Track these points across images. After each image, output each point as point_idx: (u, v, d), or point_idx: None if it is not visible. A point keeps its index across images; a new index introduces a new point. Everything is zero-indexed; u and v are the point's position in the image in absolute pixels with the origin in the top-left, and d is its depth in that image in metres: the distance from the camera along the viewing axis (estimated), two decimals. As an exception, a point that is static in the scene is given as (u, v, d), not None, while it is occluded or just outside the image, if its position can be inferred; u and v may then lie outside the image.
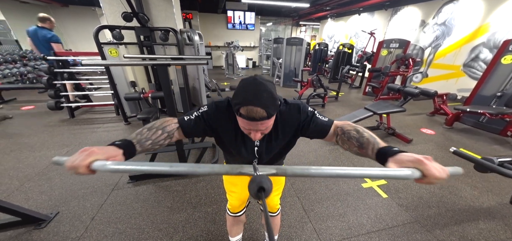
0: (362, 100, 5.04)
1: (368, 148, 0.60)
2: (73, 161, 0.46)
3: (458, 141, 2.94)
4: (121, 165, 0.48)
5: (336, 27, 9.65)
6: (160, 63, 1.56)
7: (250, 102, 0.54)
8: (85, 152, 0.47)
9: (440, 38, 5.18)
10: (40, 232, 1.41)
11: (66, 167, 0.46)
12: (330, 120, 0.73)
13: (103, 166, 0.46)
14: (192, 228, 1.51)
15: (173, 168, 0.47)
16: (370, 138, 0.61)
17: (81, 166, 0.46)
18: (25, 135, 2.79)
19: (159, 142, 0.65)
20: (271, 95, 0.56)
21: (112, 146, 0.54)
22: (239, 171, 0.48)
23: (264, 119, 0.57)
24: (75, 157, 0.47)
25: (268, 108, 0.56)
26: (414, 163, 0.47)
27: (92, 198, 1.75)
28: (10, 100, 4.15)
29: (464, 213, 1.68)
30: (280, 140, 0.76)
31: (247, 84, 0.57)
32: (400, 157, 0.50)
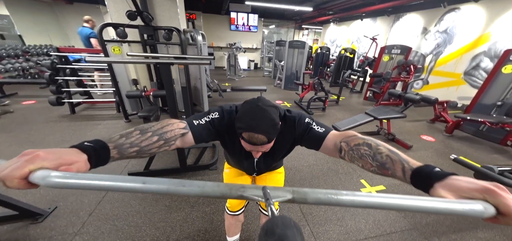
0: (363, 105, 5.04)
1: (395, 168, 0.46)
2: (2, 170, 0.32)
3: (458, 149, 2.94)
4: (71, 178, 0.33)
5: (339, 31, 9.69)
6: (163, 62, 1.58)
7: (252, 129, 0.57)
8: (26, 156, 0.34)
9: (442, 46, 5.20)
10: (36, 226, 1.41)
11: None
12: (326, 131, 0.66)
13: (44, 178, 0.32)
14: (189, 227, 1.51)
15: (147, 185, 0.34)
16: (392, 156, 0.48)
17: (12, 177, 0.31)
18: (25, 130, 2.80)
19: (151, 150, 0.53)
20: (272, 122, 0.59)
21: (74, 148, 0.40)
22: (241, 195, 0.35)
23: (265, 143, 0.60)
24: (8, 163, 0.33)
25: (269, 134, 0.59)
26: (481, 192, 0.33)
27: (91, 194, 1.75)
28: (12, 95, 4.17)
29: (462, 222, 1.67)
30: (277, 152, 0.81)
31: (250, 110, 0.60)
32: (455, 182, 0.36)
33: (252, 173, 1.00)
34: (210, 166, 2.19)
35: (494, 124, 2.69)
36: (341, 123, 2.84)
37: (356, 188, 2.01)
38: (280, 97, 5.27)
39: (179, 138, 0.60)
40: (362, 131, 3.13)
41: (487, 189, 0.32)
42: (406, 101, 3.07)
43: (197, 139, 0.65)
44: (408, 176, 0.44)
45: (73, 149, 0.40)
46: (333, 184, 2.05)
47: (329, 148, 0.64)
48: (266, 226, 0.25)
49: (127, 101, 3.28)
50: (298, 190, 0.35)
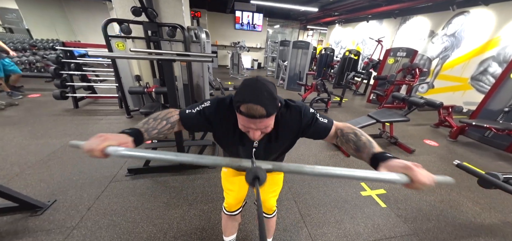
0: (366, 107, 4.98)
1: (364, 151, 0.63)
2: (90, 145, 0.52)
3: (462, 154, 2.87)
4: (131, 151, 0.53)
5: (344, 33, 9.60)
6: (166, 58, 1.57)
7: (250, 100, 0.56)
8: (101, 137, 0.53)
9: (449, 50, 5.10)
10: (36, 219, 1.43)
11: (84, 150, 0.52)
12: (330, 121, 0.74)
13: (115, 151, 0.52)
14: (186, 225, 1.50)
15: (179, 157, 0.52)
16: (367, 143, 0.64)
17: (96, 149, 0.51)
18: (30, 122, 2.84)
19: (164, 131, 0.69)
20: (271, 95, 0.58)
21: (123, 134, 0.58)
22: (239, 165, 0.53)
23: (264, 117, 0.58)
24: (92, 141, 0.52)
25: (268, 107, 0.57)
26: (404, 169, 0.50)
27: (90, 188, 1.77)
28: (18, 87, 4.24)
29: (464, 228, 1.64)
30: (280, 142, 0.77)
31: (248, 83, 0.60)
32: (391, 162, 0.53)
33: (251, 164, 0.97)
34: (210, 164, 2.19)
35: (500, 130, 2.62)
36: (343, 125, 2.81)
37: (356, 190, 1.99)
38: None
39: (177, 122, 0.74)
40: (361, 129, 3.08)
41: (406, 166, 0.49)
42: (410, 104, 3.01)
43: (187, 126, 0.76)
44: (369, 158, 0.60)
45: (123, 134, 0.58)
46: (332, 186, 2.02)
47: (331, 137, 0.74)
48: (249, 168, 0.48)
49: (129, 97, 3.30)
50: (275, 163, 0.54)
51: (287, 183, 2.02)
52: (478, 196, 2.01)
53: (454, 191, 2.07)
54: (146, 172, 2.00)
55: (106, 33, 2.69)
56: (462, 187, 2.14)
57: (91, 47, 3.95)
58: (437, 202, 1.91)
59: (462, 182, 2.21)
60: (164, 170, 2.06)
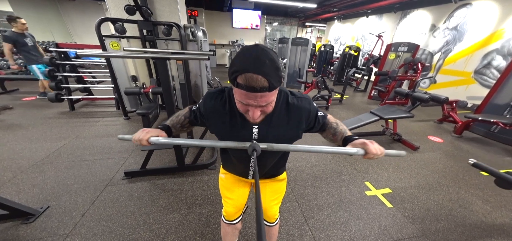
0: (367, 104, 4.91)
1: (338, 136, 0.75)
2: (138, 136, 0.67)
3: (467, 150, 2.80)
4: (167, 139, 0.70)
5: (343, 29, 9.50)
6: (160, 57, 1.50)
7: (249, 69, 0.48)
8: (145, 131, 0.68)
9: (451, 43, 5.01)
10: (27, 227, 1.36)
11: (133, 141, 0.68)
12: (325, 114, 0.79)
13: (157, 140, 0.67)
14: (185, 230, 1.44)
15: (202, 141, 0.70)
16: (342, 129, 0.75)
17: (144, 139, 0.67)
18: (24, 126, 2.77)
19: (185, 125, 0.81)
20: (274, 64, 0.50)
21: (158, 129, 0.72)
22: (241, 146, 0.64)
23: (265, 90, 0.50)
24: (139, 134, 0.68)
25: (270, 77, 0.49)
26: (361, 144, 0.64)
27: (85, 193, 1.70)
28: (13, 91, 4.17)
29: (475, 229, 1.57)
30: (289, 128, 0.70)
31: (247, 51, 0.50)
32: (354, 142, 0.67)
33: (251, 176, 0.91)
34: (209, 165, 2.12)
35: (508, 125, 2.55)
36: (345, 123, 2.74)
37: (361, 190, 1.92)
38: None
39: (188, 117, 0.82)
40: (366, 130, 3.02)
41: (363, 143, 0.64)
42: (414, 100, 2.94)
43: (192, 123, 0.82)
44: (341, 140, 0.73)
45: (158, 129, 0.73)
46: (336, 186, 1.96)
47: None
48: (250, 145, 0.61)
49: (126, 98, 3.23)
50: (271, 145, 0.64)
51: (290, 184, 1.95)
52: (487, 194, 1.94)
53: (462, 189, 2.01)
54: (143, 175, 1.94)
55: (100, 32, 2.61)
56: (470, 185, 2.07)
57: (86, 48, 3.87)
58: (446, 201, 1.84)
59: (470, 180, 2.14)
60: (162, 173, 1.99)
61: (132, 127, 3.01)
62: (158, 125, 0.75)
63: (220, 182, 1.01)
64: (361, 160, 2.39)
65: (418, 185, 2.04)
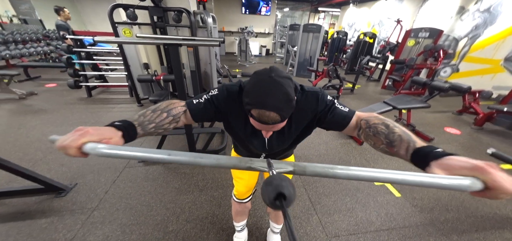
0: (380, 94, 4.72)
1: (401, 146, 0.48)
2: (64, 141, 0.41)
3: (487, 143, 2.67)
4: (114, 149, 0.42)
5: (358, 14, 8.94)
6: (171, 43, 1.53)
7: (262, 106, 0.49)
8: (79, 132, 0.42)
9: (481, 27, 4.56)
10: (60, 200, 1.53)
11: (56, 147, 0.41)
12: (351, 111, 0.63)
13: (94, 148, 0.41)
14: (198, 210, 1.54)
15: (172, 156, 0.41)
16: (403, 135, 0.50)
17: (71, 147, 0.40)
18: (49, 111, 2.98)
19: (163, 125, 0.59)
20: (286, 97, 0.50)
21: (111, 127, 0.48)
22: (249, 166, 0.42)
23: (278, 122, 0.52)
24: (67, 136, 0.42)
25: (283, 111, 0.50)
26: (472, 170, 0.35)
27: (106, 173, 1.84)
28: (36, 78, 4.44)
29: (487, 220, 1.54)
30: (293, 130, 0.70)
31: (261, 82, 0.50)
32: (448, 161, 0.38)
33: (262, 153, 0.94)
34: (219, 151, 2.20)
35: (536, 118, 2.37)
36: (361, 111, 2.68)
37: (369, 180, 1.92)
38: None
39: (182, 115, 0.64)
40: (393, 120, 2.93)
41: (477, 167, 0.35)
42: (432, 89, 2.79)
43: (195, 117, 0.66)
44: (410, 154, 0.46)
45: (110, 127, 0.48)
46: (344, 175, 1.97)
47: (351, 128, 0.62)
48: (267, 180, 0.33)
49: (139, 85, 3.34)
50: (298, 164, 0.41)
51: (297, 170, 1.99)
52: (504, 187, 1.87)
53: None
54: (157, 158, 2.05)
55: (112, 19, 2.67)
56: (486, 178, 1.99)
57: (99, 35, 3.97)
58: (458, 193, 1.80)
59: (486, 172, 2.06)
60: (175, 157, 2.09)
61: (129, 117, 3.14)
62: (114, 122, 0.50)
63: None
64: (371, 150, 2.36)
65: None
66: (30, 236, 1.27)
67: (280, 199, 0.31)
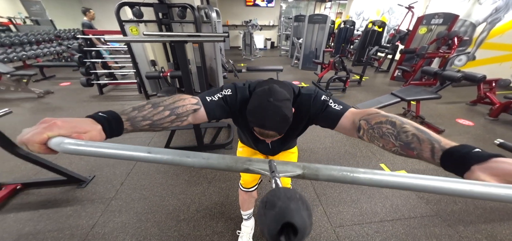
0: (389, 85, 4.59)
1: (423, 148, 0.41)
2: (25, 134, 0.34)
3: (502, 135, 2.57)
4: (83, 146, 0.35)
5: (367, 2, 8.57)
6: (177, 40, 1.57)
7: (262, 126, 0.57)
8: (44, 123, 0.36)
9: (502, 11, 4.25)
10: (82, 191, 1.66)
11: (17, 141, 0.35)
12: (344, 108, 0.60)
13: (59, 144, 0.34)
14: (207, 200, 1.62)
15: (152, 154, 0.35)
16: (420, 135, 0.42)
17: (33, 141, 0.34)
18: (65, 108, 3.15)
19: (163, 124, 0.53)
20: (284, 118, 0.56)
21: (89, 118, 0.42)
22: (247, 168, 0.36)
23: (276, 137, 0.62)
24: (30, 129, 0.35)
25: (280, 130, 0.58)
26: None
27: (121, 166, 1.96)
28: (51, 77, 4.65)
29: (496, 212, 1.52)
30: (290, 132, 0.76)
31: (261, 104, 0.57)
32: (499, 165, 0.30)
33: (266, 153, 1.00)
34: (226, 145, 2.26)
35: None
36: (363, 104, 2.65)
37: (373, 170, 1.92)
38: (297, 78, 5.04)
39: (191, 114, 0.59)
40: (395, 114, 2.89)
41: None
42: (443, 79, 2.69)
43: (210, 115, 0.64)
44: (438, 157, 0.38)
45: (88, 119, 0.42)
46: (349, 166, 1.98)
47: (346, 127, 0.59)
48: (266, 198, 0.23)
49: (147, 82, 3.44)
50: (309, 165, 0.34)
51: (301, 160, 2.02)
52: (517, 179, 1.82)
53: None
54: (168, 152, 2.14)
55: (119, 18, 2.73)
56: (498, 170, 1.95)
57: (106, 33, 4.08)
58: (466, 185, 1.78)
59: (498, 164, 2.01)
60: (184, 151, 2.18)
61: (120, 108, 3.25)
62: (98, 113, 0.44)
63: (238, 154, 1.12)
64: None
65: (438, 168, 1.97)
66: (58, 222, 1.40)
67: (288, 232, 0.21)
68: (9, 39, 4.44)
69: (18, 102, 3.32)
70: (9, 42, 4.43)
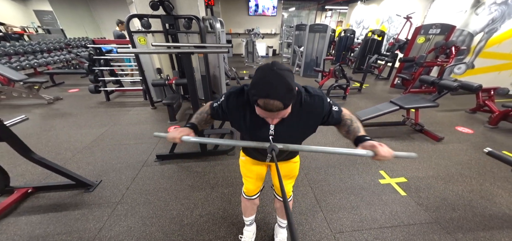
0: (389, 93, 4.65)
1: (351, 134, 0.77)
2: (173, 135, 0.79)
3: (501, 143, 2.59)
4: (195, 138, 0.82)
5: (367, 11, 8.77)
6: (185, 51, 1.66)
7: (267, 95, 0.56)
8: (178, 130, 0.80)
9: (498, 21, 4.37)
10: (89, 194, 1.71)
11: (168, 139, 0.80)
12: (340, 109, 0.82)
13: (188, 139, 0.80)
14: (210, 206, 1.67)
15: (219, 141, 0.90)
16: (356, 128, 0.77)
17: (177, 137, 0.79)
18: (73, 114, 3.26)
19: (208, 121, 0.92)
20: (288, 87, 0.57)
21: (187, 127, 0.84)
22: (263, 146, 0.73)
23: (280, 109, 0.59)
24: (172, 133, 0.80)
25: (285, 100, 0.58)
26: (371, 146, 0.67)
27: (127, 171, 2.02)
28: (60, 83, 4.81)
29: (495, 219, 1.54)
30: (302, 125, 0.78)
31: (264, 75, 0.58)
32: (365, 143, 0.70)
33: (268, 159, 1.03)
34: (228, 151, 2.32)
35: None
36: (363, 112, 2.70)
37: (374, 178, 1.96)
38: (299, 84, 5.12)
39: (210, 113, 0.91)
40: (385, 120, 2.94)
41: (373, 145, 0.67)
42: (441, 88, 2.75)
43: (214, 117, 0.92)
44: (353, 139, 0.76)
45: (187, 128, 0.84)
46: (349, 173, 2.02)
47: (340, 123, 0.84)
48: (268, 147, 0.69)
49: (152, 89, 3.55)
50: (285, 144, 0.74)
51: (303, 170, 2.07)
52: (516, 187, 1.84)
53: (488, 181, 1.92)
54: (172, 158, 2.21)
55: (129, 29, 2.88)
56: (497, 178, 1.97)
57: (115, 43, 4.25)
58: (466, 192, 1.80)
59: (498, 173, 2.03)
60: (188, 157, 2.24)
61: (159, 115, 3.34)
62: (185, 124, 0.86)
63: (241, 164, 1.17)
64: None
65: (437, 176, 2.01)
66: (67, 225, 1.46)
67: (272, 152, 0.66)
68: (23, 48, 4.64)
69: (29, 108, 3.44)
70: (22, 50, 4.63)
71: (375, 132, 2.85)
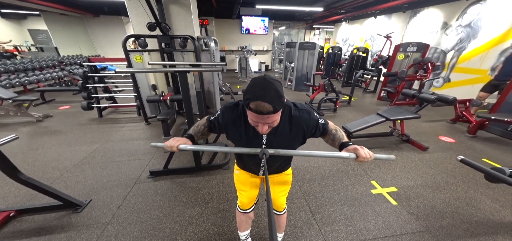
0: (376, 105, 4.89)
1: (336, 142, 0.88)
2: (170, 144, 0.84)
3: (481, 150, 2.76)
4: (192, 146, 0.88)
5: (351, 30, 9.44)
6: (181, 70, 1.74)
7: (258, 98, 0.64)
8: (175, 139, 0.86)
9: (465, 41, 4.87)
10: (77, 215, 1.64)
11: (165, 147, 0.85)
12: (326, 122, 0.92)
13: (185, 147, 0.86)
14: (204, 222, 1.64)
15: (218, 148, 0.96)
16: (340, 136, 0.88)
17: (174, 146, 0.84)
18: (63, 132, 3.18)
19: (204, 133, 0.99)
20: (277, 93, 0.66)
21: (184, 138, 0.90)
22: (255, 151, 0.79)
23: (271, 113, 0.66)
24: (170, 141, 0.85)
25: (274, 103, 0.65)
26: (353, 150, 0.77)
27: (118, 189, 1.97)
28: (51, 100, 4.71)
29: (481, 226, 1.61)
30: (292, 136, 0.87)
31: (257, 82, 0.68)
32: (348, 147, 0.80)
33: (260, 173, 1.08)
34: (223, 166, 2.32)
35: (523, 125, 2.49)
36: (352, 124, 2.83)
37: (366, 189, 2.01)
38: (290, 99, 5.26)
39: (206, 126, 0.99)
40: (374, 132, 3.07)
41: (355, 148, 0.77)
42: (421, 101, 2.95)
43: (211, 129, 0.99)
44: (338, 146, 0.87)
45: (184, 138, 0.90)
46: (342, 184, 2.06)
47: None
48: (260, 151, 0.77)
49: (146, 105, 3.56)
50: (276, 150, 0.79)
51: (298, 182, 2.10)
52: (498, 193, 1.95)
53: (472, 189, 2.02)
54: (166, 174, 2.18)
55: (126, 48, 2.95)
56: (480, 185, 2.08)
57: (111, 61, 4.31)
58: (453, 200, 1.88)
59: (480, 180, 2.14)
60: (182, 172, 2.22)
61: (153, 131, 3.32)
62: (183, 135, 0.93)
63: (235, 177, 1.19)
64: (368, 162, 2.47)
65: (425, 184, 2.09)
66: (52, 250, 1.38)
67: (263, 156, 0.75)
68: (14, 65, 4.58)
69: (15, 126, 3.32)
70: (13, 68, 4.56)
71: (365, 143, 2.96)
